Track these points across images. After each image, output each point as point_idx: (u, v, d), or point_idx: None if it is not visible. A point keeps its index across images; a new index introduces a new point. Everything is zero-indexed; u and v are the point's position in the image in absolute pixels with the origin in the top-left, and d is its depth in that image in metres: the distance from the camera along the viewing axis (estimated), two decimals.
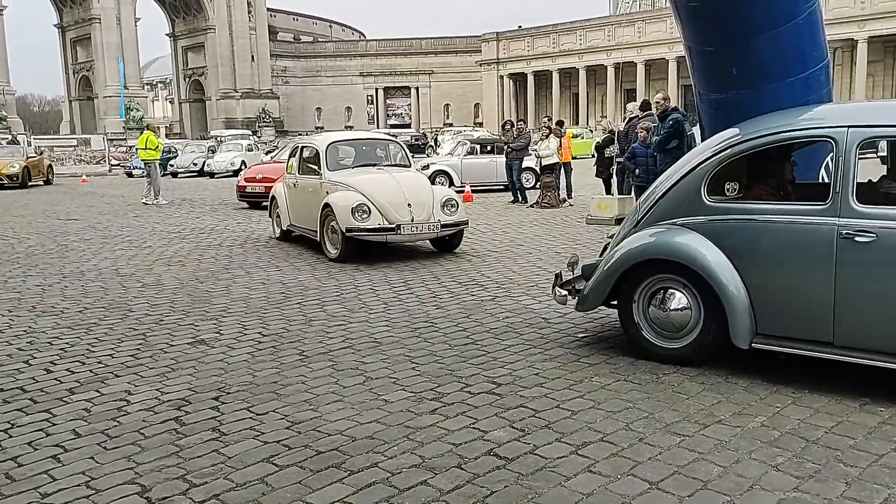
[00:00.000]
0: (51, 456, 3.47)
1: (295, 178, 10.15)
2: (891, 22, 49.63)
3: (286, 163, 11.19)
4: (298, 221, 10.02)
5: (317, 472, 3.23)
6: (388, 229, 8.51)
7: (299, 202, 9.97)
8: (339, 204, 8.54)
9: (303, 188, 9.84)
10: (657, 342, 4.65)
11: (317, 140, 10.30)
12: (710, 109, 8.95)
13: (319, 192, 9.15)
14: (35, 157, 26.69)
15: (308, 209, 9.49)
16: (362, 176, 9.16)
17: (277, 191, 10.89)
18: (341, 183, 8.94)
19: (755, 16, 7.90)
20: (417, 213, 8.59)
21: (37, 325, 5.99)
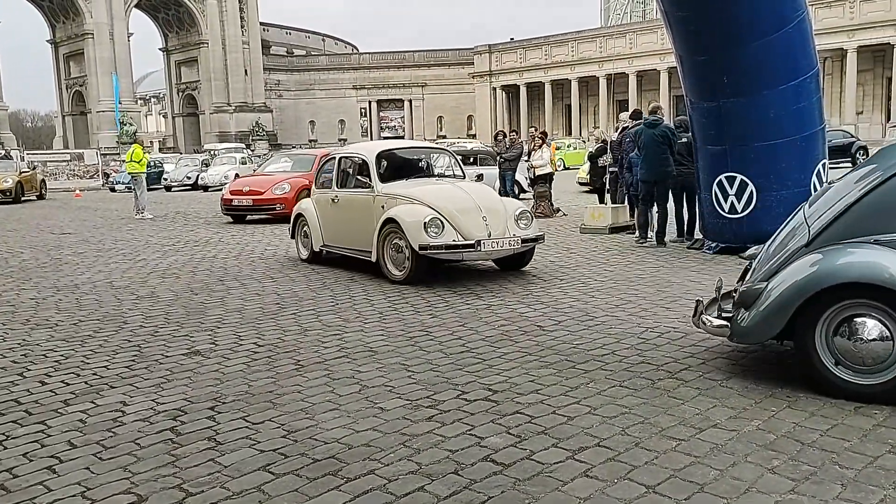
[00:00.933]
0: (46, 467, 3.45)
1: (331, 192, 9.10)
2: (880, 31, 50.06)
3: (314, 177, 10.23)
4: (338, 241, 9.02)
5: (313, 480, 3.22)
6: (467, 246, 7.55)
7: (340, 219, 8.94)
8: (408, 219, 7.59)
9: (345, 203, 8.83)
10: (851, 378, 3.93)
11: (361, 150, 9.37)
12: (702, 118, 9.03)
13: (371, 207, 8.23)
14: (28, 172, 26.70)
15: (354, 226, 8.56)
16: (425, 187, 8.33)
17: (304, 208, 9.73)
18: (401, 196, 8.00)
19: (745, 24, 7.99)
20: (494, 227, 7.66)
21: (31, 338, 5.97)
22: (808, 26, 8.38)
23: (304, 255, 9.79)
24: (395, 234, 7.75)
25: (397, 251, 7.81)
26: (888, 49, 50.68)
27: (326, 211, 9.21)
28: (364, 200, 8.46)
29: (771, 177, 8.39)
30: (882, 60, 52.47)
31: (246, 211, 15.32)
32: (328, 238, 9.21)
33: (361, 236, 8.34)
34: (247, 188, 15.60)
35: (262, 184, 15.60)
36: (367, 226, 8.17)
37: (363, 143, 12.43)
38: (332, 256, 9.36)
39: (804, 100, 8.36)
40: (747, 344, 4.62)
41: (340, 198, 8.94)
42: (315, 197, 9.68)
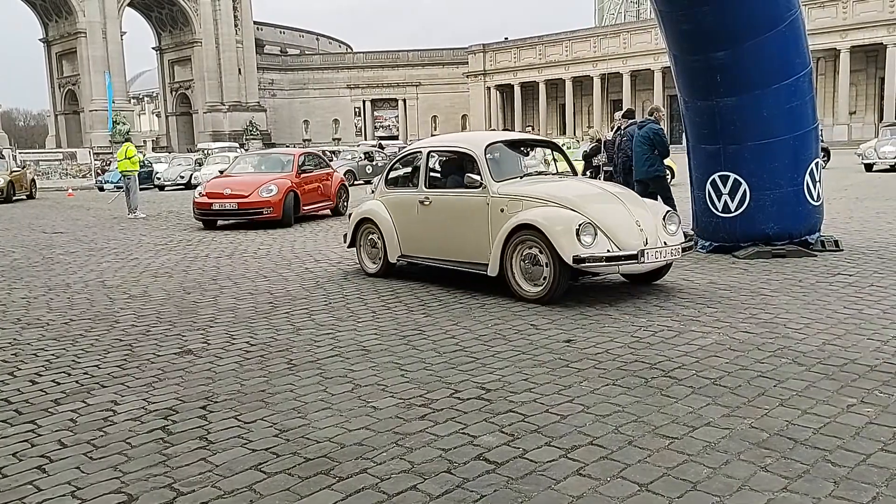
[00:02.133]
0: (36, 467, 3.43)
1: (416, 193, 7.72)
2: (873, 31, 50.29)
3: (384, 175, 8.65)
4: (427, 251, 7.69)
5: (305, 479, 3.21)
6: (628, 257, 6.31)
7: (431, 225, 7.56)
8: (555, 225, 6.34)
9: (441, 206, 7.45)
10: None
11: (461, 142, 7.95)
12: (696, 117, 9.05)
13: (484, 211, 6.98)
14: (18, 171, 26.55)
15: (454, 233, 7.31)
16: (553, 185, 7.19)
17: (373, 211, 8.25)
18: (529, 197, 6.76)
19: (738, 24, 8.00)
20: (649, 235, 6.52)
21: (22, 337, 5.94)
22: (802, 26, 8.39)
23: (371, 268, 8.30)
24: (532, 243, 6.50)
25: (533, 263, 6.53)
26: (881, 49, 50.93)
27: (409, 215, 7.80)
28: (472, 203, 7.11)
29: (764, 176, 8.40)
30: (875, 60, 52.72)
31: (229, 216, 14.07)
32: (411, 247, 7.85)
33: (467, 245, 7.15)
34: (228, 191, 14.04)
35: (245, 186, 14.17)
36: (478, 233, 7.00)
37: (457, 135, 10.36)
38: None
39: (797, 99, 8.37)
40: None
41: (434, 200, 7.51)
42: (386, 198, 8.21)
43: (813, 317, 5.74)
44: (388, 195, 8.23)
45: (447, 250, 7.45)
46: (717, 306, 6.14)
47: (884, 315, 5.72)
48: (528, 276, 6.61)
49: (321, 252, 10.53)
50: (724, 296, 6.57)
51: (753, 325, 5.52)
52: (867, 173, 24.48)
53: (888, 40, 49.97)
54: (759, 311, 5.95)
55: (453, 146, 7.99)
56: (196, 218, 14.55)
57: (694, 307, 6.20)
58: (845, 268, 7.64)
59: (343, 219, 14.91)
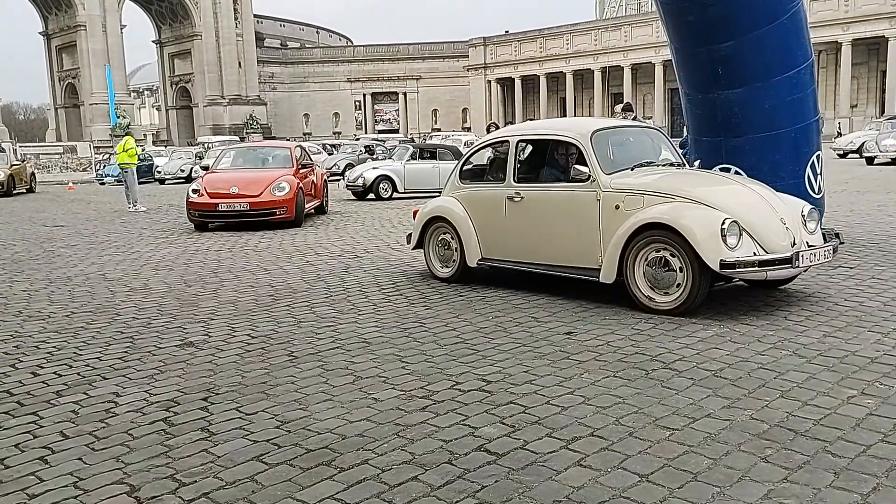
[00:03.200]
0: (38, 457, 3.44)
1: (502, 188, 6.85)
2: (874, 24, 50.19)
3: (456, 168, 7.70)
4: (516, 253, 6.82)
5: (307, 470, 3.22)
6: (782, 261, 5.52)
7: (522, 224, 6.72)
8: (696, 224, 5.50)
9: (536, 202, 6.62)
10: None
11: (561, 129, 6.99)
12: (697, 110, 9.02)
13: (592, 208, 6.15)
14: (18, 165, 26.53)
15: (553, 233, 6.49)
16: (677, 178, 6.39)
17: (446, 209, 7.39)
18: (649, 191, 5.93)
19: (740, 16, 7.98)
20: (796, 234, 5.77)
21: (23, 330, 5.95)
22: (803, 18, 8.37)
23: (442, 272, 7.45)
24: (663, 245, 5.69)
25: (665, 268, 5.71)
26: (882, 42, 50.83)
27: (493, 213, 6.96)
28: (578, 198, 6.28)
29: (765, 168, 8.38)
30: (876, 53, 52.62)
31: (238, 218, 12.63)
32: (495, 250, 7.02)
33: (570, 247, 6.35)
34: (235, 189, 12.71)
35: (253, 183, 12.88)
36: (585, 233, 6.21)
37: (552, 122, 8.85)
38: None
39: (799, 91, 8.35)
40: None
41: (527, 196, 6.67)
42: (462, 194, 7.34)
43: (813, 309, 5.74)
44: (465, 190, 7.32)
45: (543, 253, 6.57)
46: (717, 298, 6.13)
47: (884, 307, 5.72)
48: (655, 283, 5.76)
49: (322, 245, 10.53)
50: (725, 287, 6.57)
51: (754, 316, 5.52)
52: (868, 166, 24.46)
53: (890, 33, 49.88)
54: (760, 303, 5.96)
55: (551, 134, 7.06)
56: (195, 220, 12.99)
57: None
58: (846, 260, 7.64)
59: (328, 216, 14.88)
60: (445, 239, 7.45)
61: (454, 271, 7.35)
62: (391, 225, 12.93)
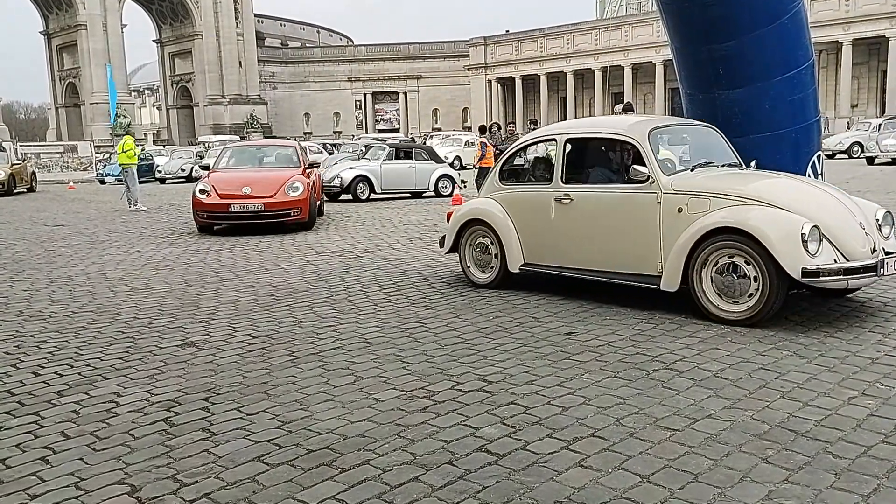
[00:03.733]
0: (39, 458, 3.44)
1: (553, 189, 6.45)
2: (875, 24, 50.13)
3: (496, 167, 7.28)
4: (567, 259, 6.44)
5: (308, 471, 3.22)
6: (867, 269, 5.15)
7: (571, 227, 6.36)
8: (773, 230, 5.12)
9: (588, 204, 6.26)
10: None
11: (616, 127, 6.65)
12: (698, 110, 9.00)
13: (651, 211, 5.80)
14: (19, 164, 26.54)
15: (607, 238, 6.12)
16: (746, 178, 6.03)
17: (487, 212, 6.99)
18: (716, 193, 5.57)
19: (740, 16, 7.97)
20: (875, 240, 5.42)
21: (24, 330, 5.95)
22: (804, 18, 8.36)
23: (480, 278, 7.09)
24: (735, 251, 5.31)
25: (738, 275, 5.31)
26: (883, 42, 50.78)
27: (538, 216, 6.59)
28: (635, 201, 5.92)
29: (766, 168, 8.39)
30: (877, 53, 52.57)
31: (252, 219, 12.05)
32: (540, 254, 6.64)
33: (626, 253, 5.98)
34: (248, 189, 12.09)
35: (266, 183, 12.32)
36: (643, 238, 5.86)
37: (603, 119, 8.23)
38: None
39: (799, 91, 8.34)
40: None
41: (576, 198, 6.31)
42: (502, 195, 6.96)
43: (814, 309, 5.74)
44: (506, 192, 6.93)
45: (595, 259, 6.21)
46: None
47: (885, 308, 5.73)
48: (727, 291, 5.38)
49: (322, 245, 10.54)
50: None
51: None
52: (869, 166, 24.46)
53: (890, 33, 49.82)
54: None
55: (603, 132, 6.70)
56: (203, 222, 12.43)
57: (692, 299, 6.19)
58: None
59: (328, 217, 14.89)
60: (484, 243, 7.08)
61: (494, 277, 6.97)
62: (391, 225, 12.93)
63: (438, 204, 16.63)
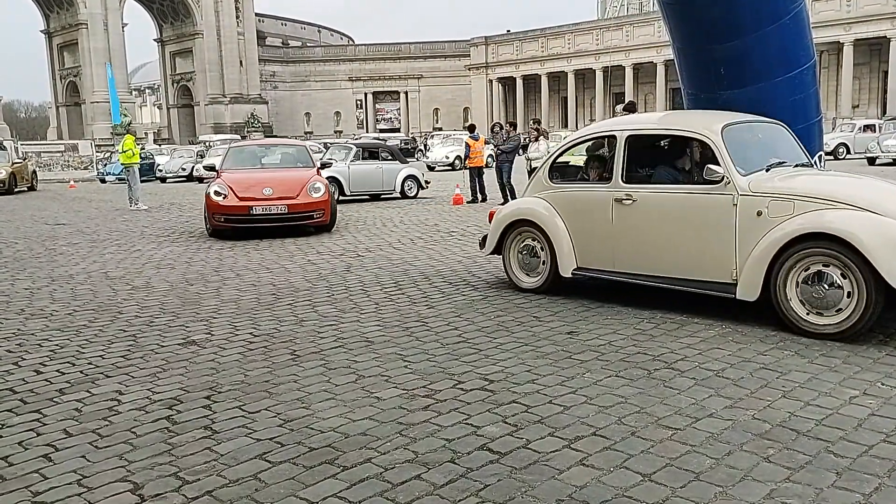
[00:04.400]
0: (42, 455, 3.45)
1: (613, 189, 6.07)
2: (876, 25, 50.14)
3: (544, 165, 6.81)
4: (628, 264, 6.05)
5: (310, 469, 3.22)
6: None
7: (634, 231, 5.98)
8: (874, 237, 4.75)
9: (653, 207, 5.87)
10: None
11: (684, 123, 6.30)
12: (699, 109, 9.00)
13: (726, 214, 5.41)
14: (20, 163, 26.54)
15: (674, 242, 5.74)
16: (831, 180, 5.67)
17: (535, 212, 6.62)
18: (802, 196, 5.18)
19: (742, 16, 7.98)
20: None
21: (26, 328, 5.95)
22: (805, 18, 8.36)
23: (527, 282, 6.76)
24: (827, 259, 4.93)
25: (829, 285, 4.93)
26: (884, 42, 50.78)
27: (594, 217, 6.24)
28: (708, 203, 5.54)
29: None
30: (878, 53, 52.56)
31: (274, 222, 11.35)
32: (595, 258, 6.28)
33: (696, 258, 5.61)
34: (268, 190, 11.37)
35: (288, 184, 11.67)
36: (716, 242, 5.48)
37: (669, 115, 7.10)
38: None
39: (801, 92, 8.34)
40: None
41: (640, 198, 5.93)
42: (552, 195, 6.57)
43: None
44: (556, 191, 6.55)
45: (660, 264, 5.83)
46: (717, 298, 6.11)
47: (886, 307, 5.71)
48: (816, 301, 4.99)
49: (323, 244, 10.54)
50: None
51: (756, 316, 5.52)
52: (870, 167, 24.46)
53: (892, 33, 49.83)
54: (761, 303, 5.92)
55: (671, 129, 6.36)
56: (220, 226, 11.45)
57: (696, 299, 6.19)
58: None
59: None
60: (531, 245, 6.71)
61: (542, 282, 6.62)
62: (392, 224, 12.94)
63: (440, 203, 16.65)
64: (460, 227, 12.04)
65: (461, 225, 12.30)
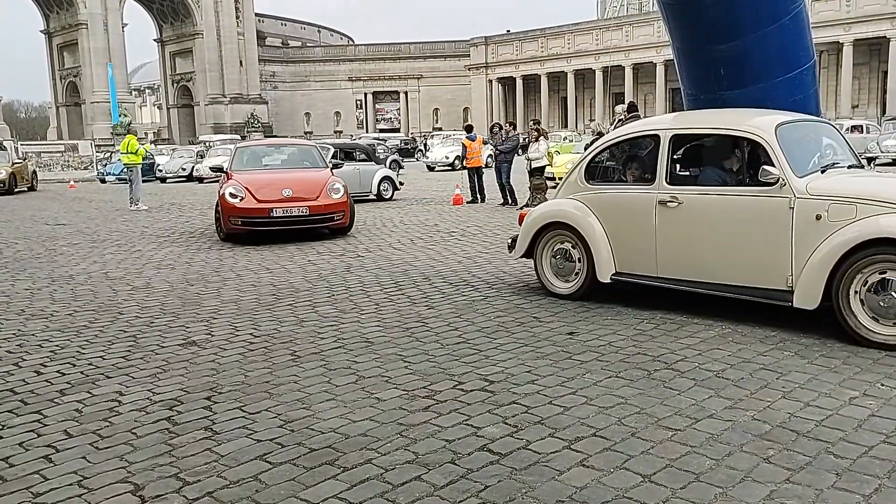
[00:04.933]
0: (42, 456, 3.45)
1: (656, 191, 5.79)
2: (876, 25, 50.14)
3: (580, 165, 6.54)
4: (672, 269, 5.78)
5: (310, 470, 3.23)
6: None
7: (679, 235, 5.70)
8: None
9: (701, 210, 5.59)
10: None
11: (733, 122, 5.91)
12: (699, 109, 9.00)
13: (781, 218, 5.14)
14: (20, 163, 26.52)
15: (724, 247, 5.45)
16: (891, 184, 5.27)
17: (571, 215, 6.34)
18: (866, 199, 4.91)
19: (741, 16, 7.98)
20: None
21: (26, 328, 5.96)
22: (805, 18, 8.36)
23: (561, 288, 6.48)
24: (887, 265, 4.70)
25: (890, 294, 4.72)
26: (884, 42, 50.78)
27: (635, 220, 5.96)
28: (762, 206, 5.25)
29: None
30: (878, 54, 52.56)
31: (294, 225, 10.84)
32: (633, 263, 6.03)
33: (745, 263, 5.35)
34: (288, 192, 10.78)
35: (307, 185, 11.14)
36: (770, 247, 5.21)
37: (721, 113, 6.99)
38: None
39: (800, 92, 8.34)
40: None
41: (686, 201, 5.64)
42: (589, 196, 6.30)
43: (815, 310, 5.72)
44: (593, 192, 6.28)
45: (707, 270, 5.56)
46: (717, 298, 6.11)
47: None
48: (881, 311, 4.75)
49: (323, 244, 10.54)
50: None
51: (755, 316, 5.52)
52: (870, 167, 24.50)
53: (891, 34, 49.83)
54: (761, 304, 5.91)
55: (721, 128, 6.00)
56: (236, 229, 10.78)
57: (696, 299, 6.19)
58: None
59: None
60: (565, 249, 6.45)
61: (578, 287, 6.35)
62: (392, 224, 12.94)
63: (440, 204, 16.65)
64: (460, 227, 12.05)
65: (461, 225, 12.30)
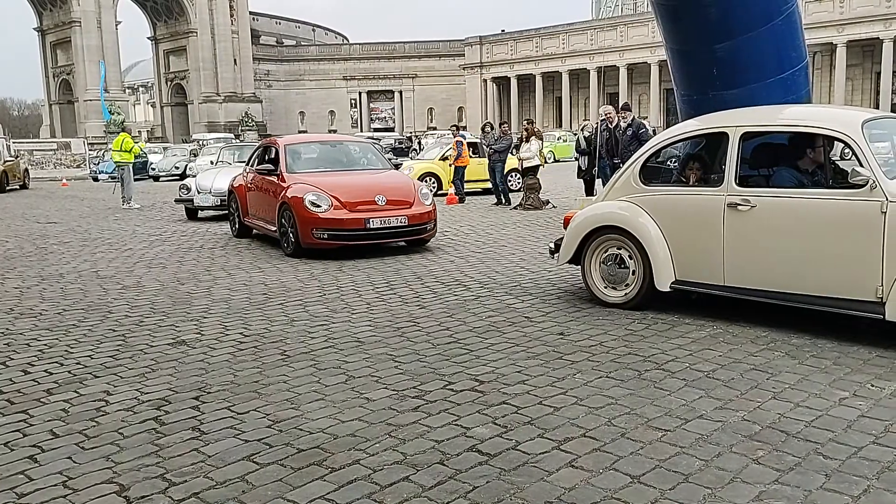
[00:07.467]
0: (28, 456, 3.42)
1: (723, 193, 5.35)
2: (870, 26, 50.30)
3: (633, 164, 6.06)
4: (742, 278, 5.33)
5: (298, 470, 3.20)
6: None
7: (751, 241, 5.26)
8: None
9: (775, 214, 5.14)
10: None
11: (814, 118, 5.48)
12: (692, 110, 9.01)
13: (870, 223, 4.72)
14: (12, 161, 26.38)
15: (803, 254, 5.02)
16: None
17: (625, 218, 5.91)
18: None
19: (734, 17, 7.99)
20: None
21: (14, 327, 5.91)
22: (798, 19, 8.38)
23: (613, 297, 6.04)
24: None
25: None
26: (877, 44, 50.95)
27: (699, 225, 5.52)
28: (847, 209, 4.84)
29: None
30: (871, 55, 52.74)
31: (389, 237, 9.39)
32: (696, 270, 5.59)
33: (827, 272, 4.93)
34: (382, 199, 9.19)
35: (398, 190, 9.64)
36: (855, 254, 4.81)
37: (797, 109, 6.65)
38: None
39: (793, 93, 8.36)
40: None
41: (760, 204, 5.19)
42: (646, 199, 5.86)
43: (805, 311, 5.72)
44: (651, 195, 5.84)
45: (784, 280, 5.12)
46: (712, 299, 6.11)
47: None
48: None
49: None
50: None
51: (747, 317, 5.52)
52: None
53: (884, 35, 50.00)
54: (752, 305, 5.92)
55: (800, 125, 5.46)
56: (320, 244, 9.00)
57: (688, 300, 6.19)
58: None
59: None
60: (617, 254, 6.01)
61: (632, 296, 5.91)
62: None
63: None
64: (453, 226, 12.03)
65: (454, 225, 12.28)
